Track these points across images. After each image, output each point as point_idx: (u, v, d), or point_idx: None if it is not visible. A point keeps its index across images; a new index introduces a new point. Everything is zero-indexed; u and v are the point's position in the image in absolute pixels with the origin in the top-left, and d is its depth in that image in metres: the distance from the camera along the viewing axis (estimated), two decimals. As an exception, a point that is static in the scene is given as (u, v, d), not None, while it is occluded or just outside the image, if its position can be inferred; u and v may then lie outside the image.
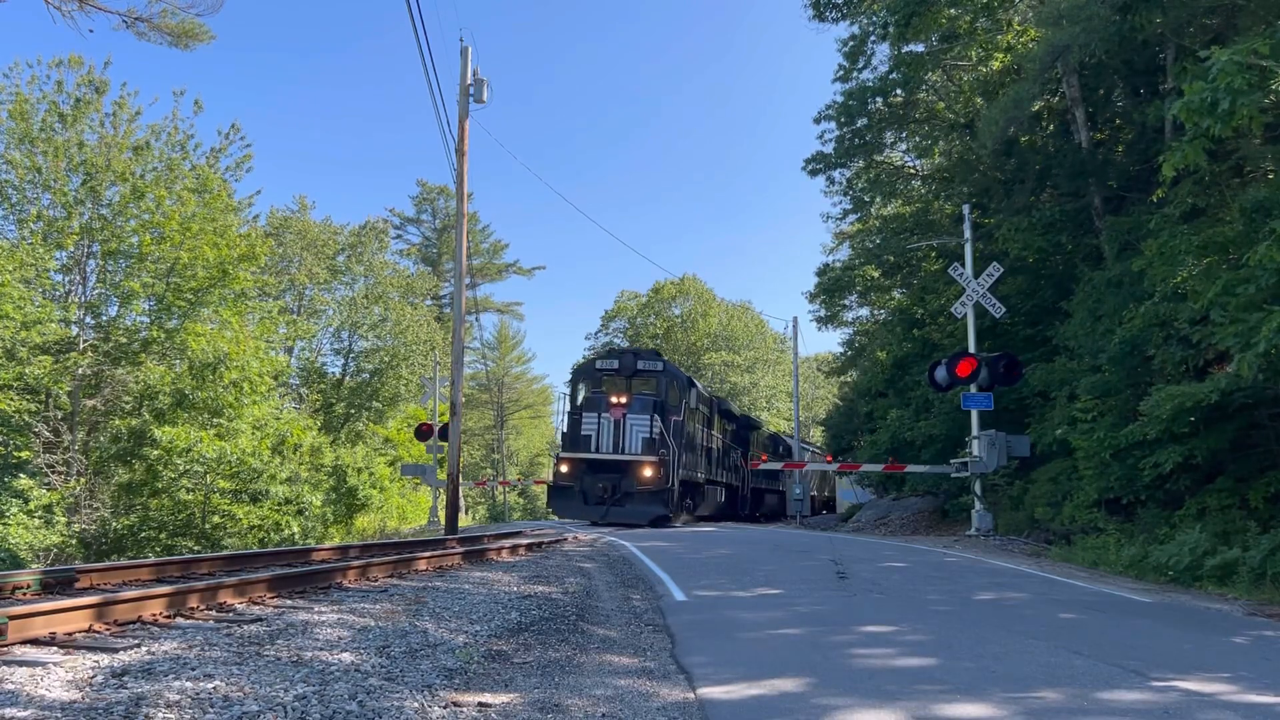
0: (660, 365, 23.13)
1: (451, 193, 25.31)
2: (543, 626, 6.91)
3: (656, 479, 20.54)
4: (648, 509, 20.58)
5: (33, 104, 25.93)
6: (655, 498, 20.60)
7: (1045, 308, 21.44)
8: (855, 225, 34.93)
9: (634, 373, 22.69)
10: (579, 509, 21.32)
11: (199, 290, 26.51)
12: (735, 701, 4.86)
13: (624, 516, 20.40)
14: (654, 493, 20.57)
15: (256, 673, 4.58)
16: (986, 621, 7.76)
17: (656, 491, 20.55)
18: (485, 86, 19.24)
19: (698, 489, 24.92)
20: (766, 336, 71.54)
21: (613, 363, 23.43)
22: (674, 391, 22.77)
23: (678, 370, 23.60)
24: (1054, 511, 17.62)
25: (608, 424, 21.33)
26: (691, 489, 24.08)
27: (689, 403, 23.15)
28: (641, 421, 21.19)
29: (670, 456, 20.98)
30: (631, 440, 21.16)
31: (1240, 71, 9.63)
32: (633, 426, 21.18)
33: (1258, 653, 6.79)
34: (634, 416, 21.28)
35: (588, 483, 21.17)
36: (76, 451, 25.17)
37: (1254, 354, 10.49)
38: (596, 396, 22.07)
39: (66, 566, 8.66)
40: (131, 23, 15.62)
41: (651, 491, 20.52)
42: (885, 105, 26.91)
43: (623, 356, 23.59)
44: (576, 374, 24.29)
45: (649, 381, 22.64)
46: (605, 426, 21.35)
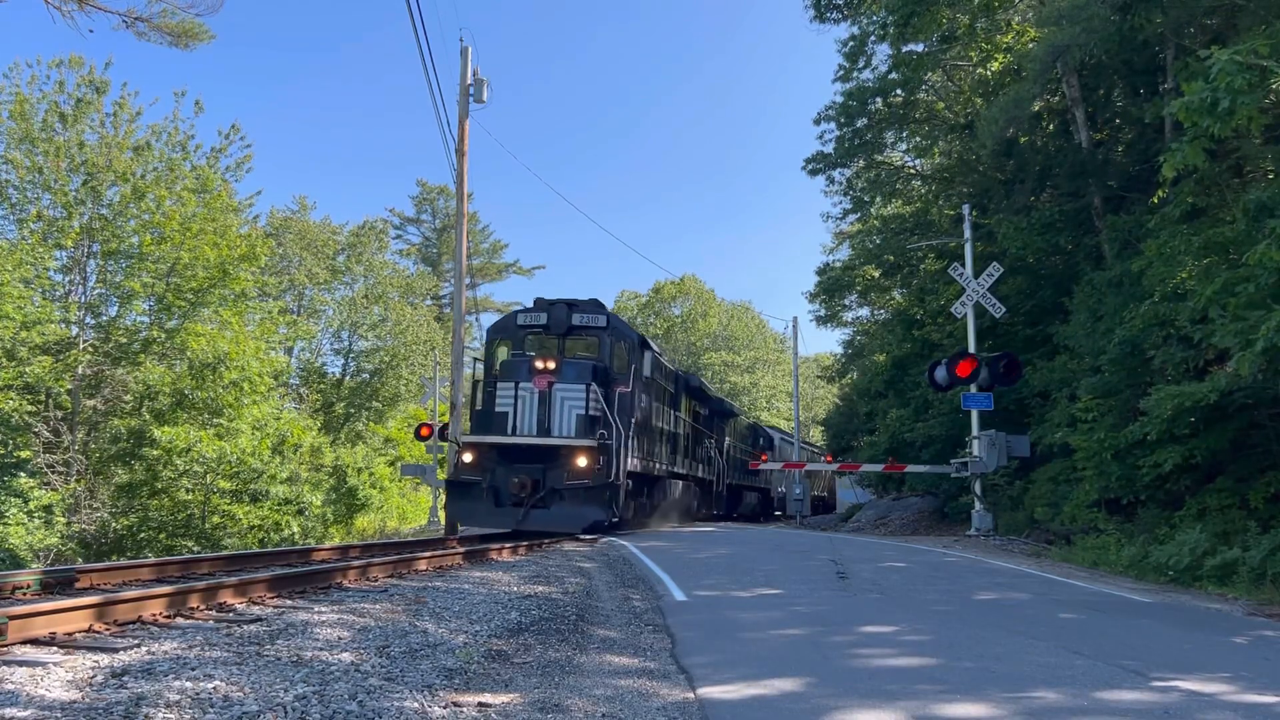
0: (603, 320, 17.63)
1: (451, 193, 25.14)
2: (543, 626, 6.91)
3: (594, 470, 15.32)
4: (581, 512, 15.38)
5: (33, 104, 25.97)
6: (593, 496, 15.34)
7: (1045, 308, 21.44)
8: (855, 225, 34.94)
9: (568, 330, 17.47)
10: (487, 513, 15.84)
11: (199, 290, 26.54)
12: (735, 701, 4.86)
13: (548, 522, 15.31)
14: (591, 489, 15.30)
15: (256, 673, 4.58)
16: (987, 621, 7.76)
17: (595, 488, 15.30)
18: (485, 86, 19.24)
19: (656, 484, 19.96)
20: (766, 336, 71.65)
21: (539, 316, 17.74)
22: (621, 354, 17.51)
23: (627, 327, 18.08)
24: (1054, 511, 17.63)
25: (530, 397, 15.94)
26: (647, 484, 19.05)
27: (642, 371, 17.66)
28: (575, 394, 15.86)
29: (615, 440, 15.67)
30: (562, 419, 15.91)
31: (1240, 71, 9.63)
32: (564, 400, 15.92)
33: (1258, 653, 6.79)
34: (565, 387, 15.94)
35: (500, 476, 15.64)
36: (76, 451, 25.18)
37: (1253, 353, 10.49)
38: (518, 361, 16.74)
39: (66, 567, 8.66)
40: (131, 23, 15.63)
41: (588, 488, 15.27)
42: (885, 105, 26.92)
43: (553, 308, 17.69)
44: (493, 333, 18.66)
45: (588, 342, 17.65)
46: (527, 401, 15.96)
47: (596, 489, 15.38)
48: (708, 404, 26.86)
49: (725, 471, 28.91)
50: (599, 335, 17.60)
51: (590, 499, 15.37)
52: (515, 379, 16.18)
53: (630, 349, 17.57)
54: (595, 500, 15.38)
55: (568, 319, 17.49)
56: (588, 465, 15.39)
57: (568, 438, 15.74)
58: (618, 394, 16.35)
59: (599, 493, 15.39)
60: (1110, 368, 15.38)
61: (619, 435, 15.84)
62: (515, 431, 15.96)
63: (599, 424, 15.82)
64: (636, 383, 17.31)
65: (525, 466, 15.62)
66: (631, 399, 16.86)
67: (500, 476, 15.69)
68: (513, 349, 17.76)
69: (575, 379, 16.08)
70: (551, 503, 15.43)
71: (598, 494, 15.38)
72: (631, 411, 16.75)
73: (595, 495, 15.37)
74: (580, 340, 17.69)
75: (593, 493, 15.37)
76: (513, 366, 16.58)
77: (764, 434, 38.41)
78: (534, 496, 15.43)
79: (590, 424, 15.79)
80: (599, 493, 15.39)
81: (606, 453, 15.58)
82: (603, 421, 15.85)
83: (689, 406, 23.91)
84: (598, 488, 15.39)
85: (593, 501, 15.39)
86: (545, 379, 15.94)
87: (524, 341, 17.81)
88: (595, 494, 15.37)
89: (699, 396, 25.31)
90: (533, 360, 16.26)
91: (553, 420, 15.94)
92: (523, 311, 18.36)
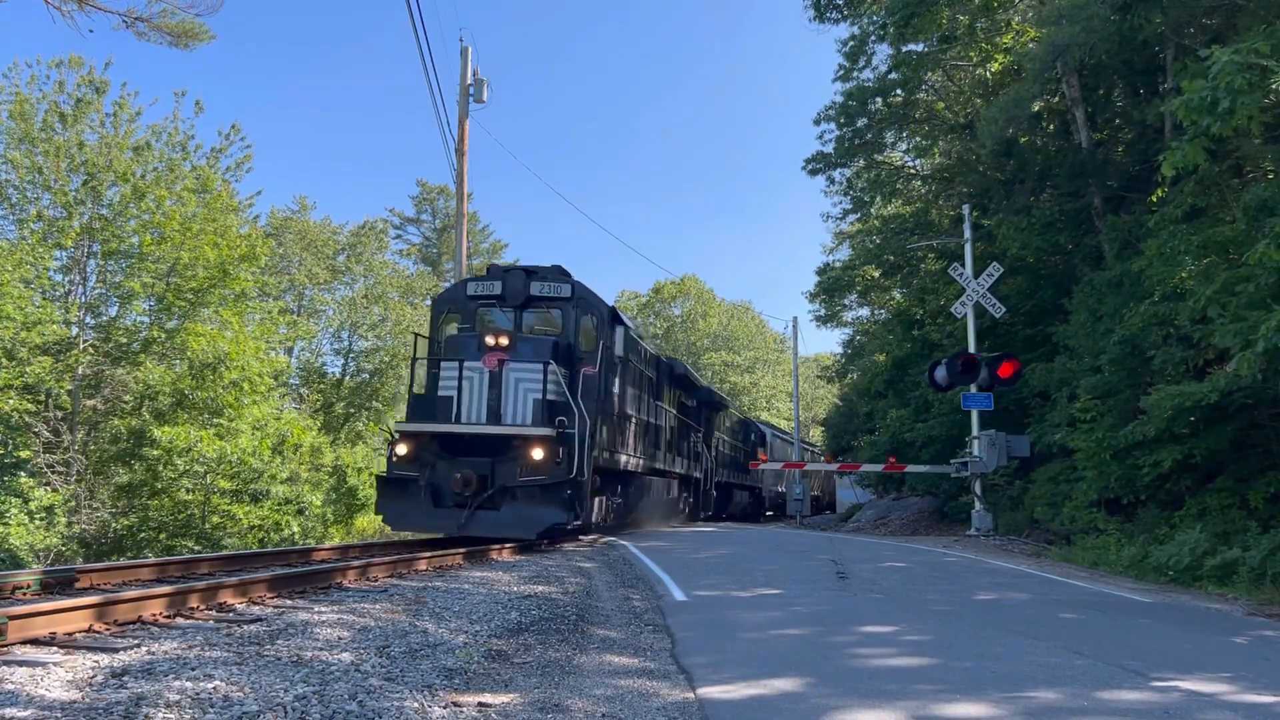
0: (568, 290, 15.20)
1: (451, 193, 25.10)
2: (543, 626, 6.91)
3: (551, 464, 13.14)
4: (536, 513, 13.13)
5: (33, 104, 25.97)
6: (550, 495, 13.17)
7: (1045, 308, 21.45)
8: (855, 225, 34.95)
9: (525, 301, 15.08)
10: (424, 515, 13.49)
11: (199, 290, 26.53)
12: (735, 701, 4.86)
13: (497, 526, 13.14)
14: (549, 487, 13.14)
15: (256, 673, 4.58)
16: (986, 621, 7.76)
17: (553, 486, 13.14)
18: (485, 86, 19.27)
19: (633, 481, 17.81)
20: (766, 336, 71.68)
21: (492, 286, 15.34)
22: (588, 330, 15.18)
23: (597, 298, 15.48)
24: (1054, 511, 17.63)
25: (478, 379, 13.75)
26: (621, 481, 17.01)
27: (614, 350, 15.38)
28: (532, 375, 13.67)
29: (579, 429, 13.54)
30: (516, 404, 13.72)
31: (1240, 71, 9.64)
32: (518, 383, 13.72)
33: (1258, 653, 6.79)
34: (520, 367, 13.71)
35: (441, 472, 13.48)
36: (76, 451, 25.18)
37: (1253, 353, 10.50)
38: (465, 337, 14.56)
39: (66, 567, 8.66)
40: (131, 23, 15.63)
41: (544, 486, 13.13)
42: (885, 105, 26.92)
43: (508, 276, 15.31)
44: (439, 305, 16.16)
45: (549, 316, 15.32)
46: (475, 383, 13.76)
47: (555, 486, 13.11)
48: (695, 394, 24.70)
49: (714, 468, 26.92)
50: (562, 308, 15.16)
51: (547, 498, 13.15)
52: (461, 357, 13.83)
53: (599, 324, 15.13)
54: (553, 500, 13.15)
55: (525, 289, 15.03)
56: (544, 458, 13.12)
57: (522, 426, 13.46)
58: (583, 375, 14.20)
59: (557, 491, 13.13)
60: (1110, 367, 15.39)
61: (583, 423, 13.53)
62: (460, 419, 13.60)
63: (559, 410, 13.58)
64: (606, 363, 15.06)
65: (471, 460, 13.40)
66: (600, 382, 14.67)
67: (441, 472, 13.47)
68: (462, 324, 15.35)
69: (532, 357, 13.79)
70: (501, 503, 13.21)
71: (556, 492, 13.13)
72: (600, 396, 14.61)
73: (553, 494, 13.13)
74: (541, 314, 15.27)
75: (550, 491, 13.12)
76: (459, 343, 14.31)
77: (756, 429, 36.82)
78: (480, 496, 13.15)
79: (549, 410, 13.52)
80: (557, 491, 13.13)
81: (568, 444, 13.31)
82: (564, 408, 13.60)
83: (673, 397, 21.83)
84: (556, 485, 13.11)
85: (550, 501, 13.15)
86: (496, 357, 13.66)
87: (475, 315, 15.29)
88: (553, 492, 13.13)
89: (685, 386, 23.24)
90: (482, 336, 13.90)
91: (505, 406, 13.68)
92: (473, 280, 15.89)
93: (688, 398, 23.73)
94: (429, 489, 13.39)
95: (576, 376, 14.09)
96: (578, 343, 14.88)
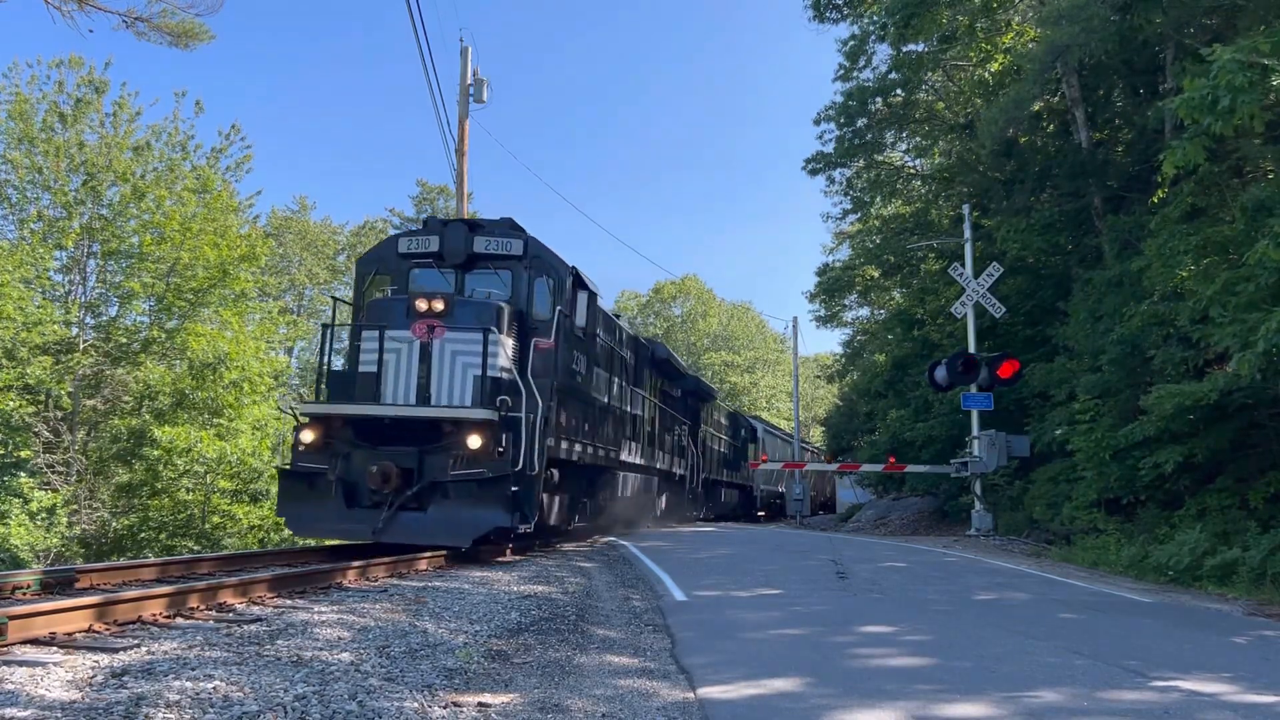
0: (519, 246, 12.75)
1: (451, 192, 25.09)
2: (543, 626, 6.91)
3: (490, 453, 10.75)
4: (472, 515, 10.69)
5: (33, 104, 25.99)
6: (490, 492, 10.71)
7: (1045, 308, 21.46)
8: (855, 225, 34.96)
9: (469, 259, 12.63)
10: (333, 516, 10.98)
11: (199, 290, 26.53)
12: (735, 701, 4.86)
13: (423, 531, 10.78)
14: (488, 483, 10.72)
15: (256, 673, 4.58)
16: (986, 621, 7.76)
17: (494, 481, 10.70)
18: (485, 86, 19.28)
19: (603, 477, 15.51)
20: (766, 336, 71.73)
21: (429, 241, 12.86)
22: (545, 296, 12.82)
23: (556, 258, 13.00)
24: (1054, 512, 17.64)
25: (406, 352, 11.43)
26: (589, 477, 14.67)
27: (576, 319, 12.90)
28: (471, 346, 11.23)
29: (529, 412, 11.24)
30: (451, 381, 11.36)
31: (1241, 69, 9.64)
32: (454, 355, 11.38)
33: (1258, 653, 6.79)
34: (458, 337, 11.35)
35: (356, 465, 11.05)
36: (76, 451, 25.19)
37: (1253, 353, 10.50)
38: (392, 300, 12.13)
39: (66, 567, 8.67)
40: (131, 23, 15.62)
41: (483, 481, 10.73)
42: (885, 105, 26.93)
43: (448, 229, 12.85)
44: (366, 265, 13.66)
45: (499, 278, 12.79)
46: (402, 356, 11.44)
47: (496, 482, 10.66)
48: (680, 383, 22.43)
49: (701, 465, 24.64)
50: (513, 268, 12.67)
51: (486, 496, 10.67)
52: (385, 324, 11.44)
53: (558, 288, 12.64)
54: (494, 498, 10.66)
55: (468, 245, 12.54)
56: (483, 447, 10.70)
57: (456, 408, 11.08)
58: (536, 348, 11.84)
59: (500, 487, 10.65)
60: (1110, 367, 15.40)
61: (535, 406, 11.25)
62: (382, 398, 11.28)
63: (505, 390, 11.26)
64: (567, 335, 12.63)
65: (393, 450, 10.94)
66: (558, 358, 12.27)
67: (356, 465, 11.02)
68: (393, 288, 13.06)
69: (472, 325, 11.31)
70: (430, 502, 10.82)
71: (498, 489, 10.66)
72: (558, 375, 12.20)
73: (494, 491, 10.66)
74: (488, 276, 12.76)
75: (490, 487, 10.67)
76: (383, 308, 11.86)
77: (747, 423, 34.73)
78: (404, 494, 10.73)
79: (493, 389, 11.15)
80: (500, 487, 10.65)
81: (514, 430, 10.96)
82: (511, 386, 11.29)
83: (655, 384, 19.65)
84: (498, 480, 10.66)
85: (490, 500, 10.67)
86: (428, 325, 11.32)
87: (409, 278, 12.84)
88: (494, 489, 10.66)
89: (668, 373, 20.93)
90: (412, 299, 11.50)
91: (438, 383, 11.31)
92: (406, 235, 13.31)
93: (671, 386, 21.68)
94: (341, 486, 10.96)
95: (529, 350, 11.78)
96: (531, 309, 12.55)
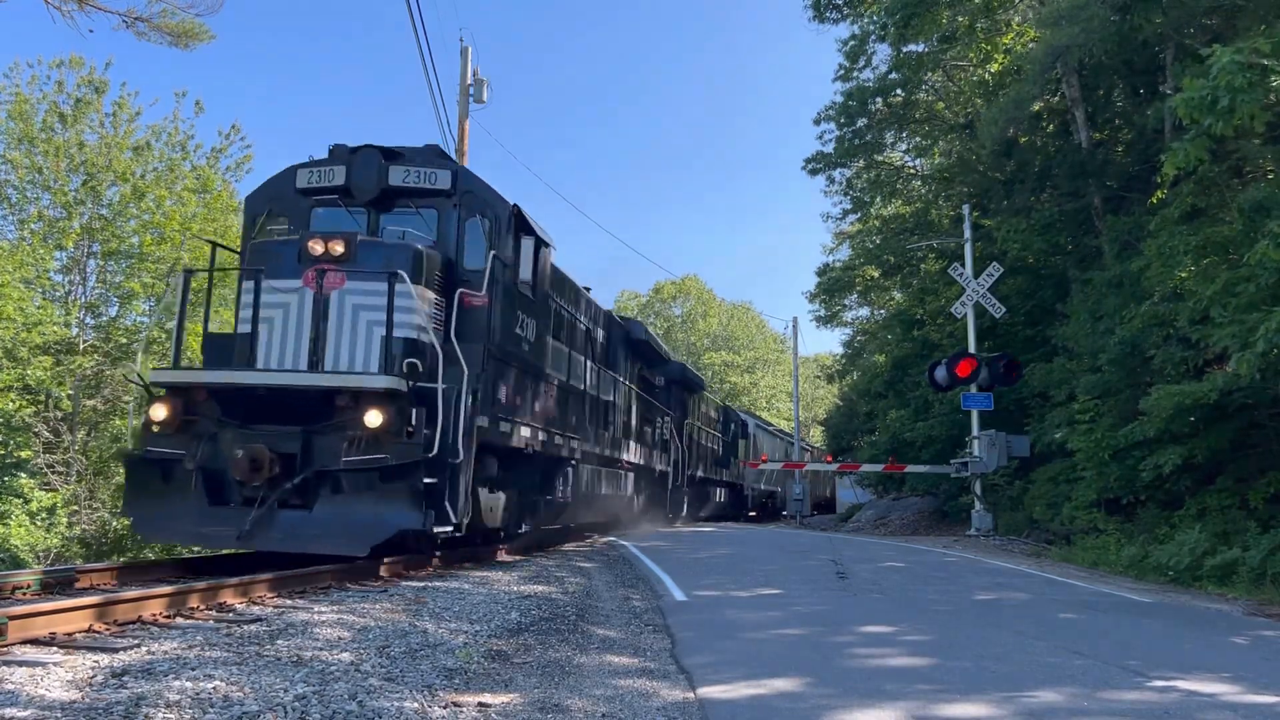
0: (446, 178, 10.28)
1: (451, 193, 24.82)
2: (543, 626, 6.91)
3: (393, 432, 8.55)
4: (371, 515, 8.44)
5: (33, 104, 25.99)
6: (393, 484, 8.49)
7: (1045, 308, 21.48)
8: (855, 225, 34.97)
9: (383, 195, 10.20)
10: (194, 518, 8.72)
11: (199, 290, 26.51)
12: (735, 701, 4.86)
13: (304, 536, 8.52)
14: (393, 472, 8.49)
15: (256, 673, 4.58)
16: (986, 621, 7.77)
17: (400, 470, 8.47)
18: (485, 86, 19.28)
19: (560, 470, 12.83)
20: (767, 336, 71.73)
21: (333, 172, 10.31)
22: (475, 236, 10.28)
23: (493, 193, 10.47)
24: (1054, 512, 17.65)
25: (295, 305, 9.23)
26: (542, 469, 12.17)
27: (517, 273, 10.52)
28: (376, 299, 9.04)
29: (451, 383, 8.91)
30: (353, 343, 9.17)
31: (1241, 70, 9.65)
32: (355, 310, 9.17)
33: (1258, 653, 6.80)
34: (360, 287, 9.14)
35: (224, 449, 8.73)
36: (76, 452, 25.19)
37: (1253, 353, 10.51)
38: (277, 244, 9.80)
39: (66, 566, 8.66)
40: (131, 23, 15.63)
41: (384, 472, 8.49)
42: (885, 105, 26.95)
43: (356, 158, 10.27)
44: (256, 203, 10.92)
45: (419, 218, 10.30)
46: (290, 313, 9.24)
47: (403, 471, 8.35)
48: (663, 370, 20.19)
49: (686, 460, 22.44)
50: (439, 206, 10.21)
51: (389, 490, 8.37)
52: (266, 271, 9.16)
53: (495, 231, 10.14)
54: (399, 492, 8.36)
55: (382, 176, 10.07)
56: (385, 425, 8.36)
57: (350, 374, 8.86)
58: (464, 304, 9.48)
59: (407, 478, 8.35)
60: (1110, 367, 15.40)
61: (460, 375, 8.81)
62: (259, 364, 9.04)
63: (421, 354, 9.06)
64: (507, 290, 10.17)
65: (272, 430, 8.60)
66: (493, 316, 9.84)
67: (224, 449, 8.62)
68: (288, 223, 10.42)
69: (379, 271, 8.94)
70: (316, 498, 8.49)
71: (405, 480, 8.35)
72: (494, 337, 9.84)
73: (399, 483, 8.36)
74: (409, 216, 10.24)
75: (395, 478, 8.37)
76: (268, 253, 9.46)
77: (737, 418, 32.73)
78: (282, 487, 8.41)
79: (404, 353, 8.99)
80: (407, 478, 8.35)
81: (428, 404, 8.59)
82: (429, 351, 8.97)
83: (633, 368, 17.35)
84: (405, 469, 8.36)
85: (394, 494, 8.37)
86: (324, 271, 9.03)
87: (310, 219, 10.28)
88: (400, 480, 8.36)
89: (649, 357, 18.48)
90: (305, 240, 9.12)
91: (335, 346, 9.03)
92: (305, 166, 10.45)
93: (653, 374, 19.44)
94: (202, 477, 8.64)
95: (454, 305, 9.37)
96: (462, 260, 10.08)
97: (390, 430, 8.50)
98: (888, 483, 32.66)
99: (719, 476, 28.89)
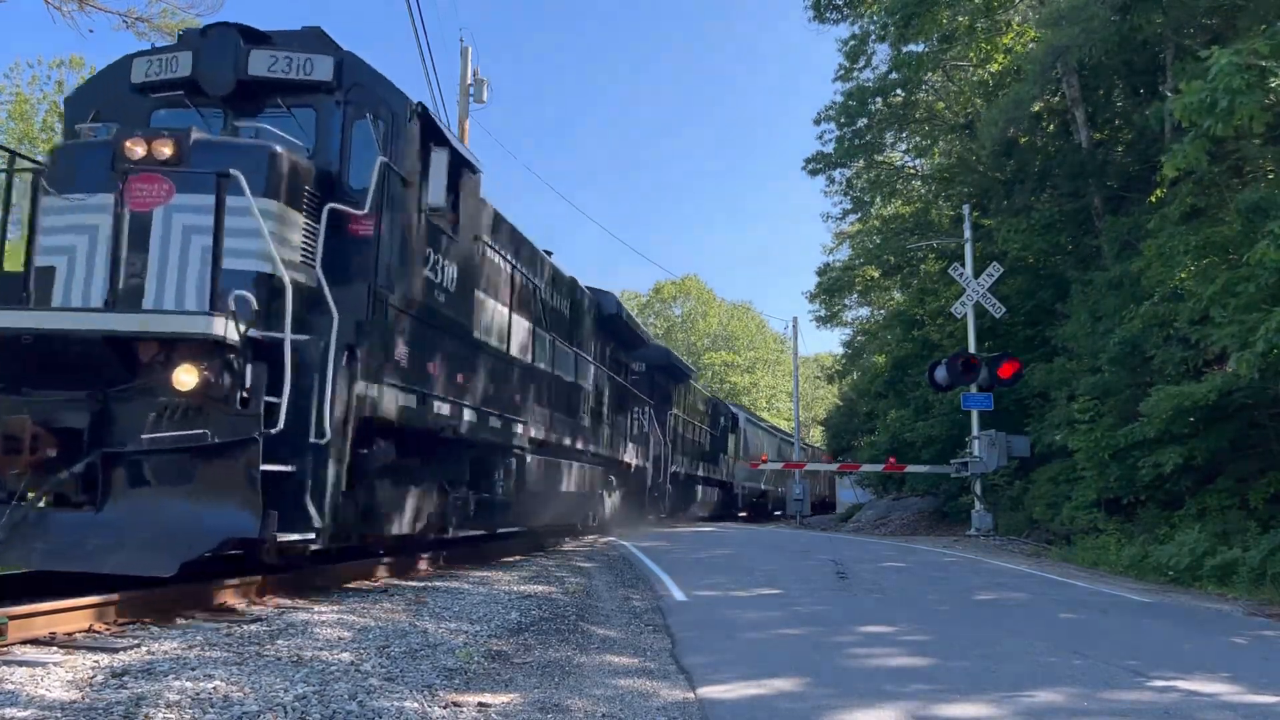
0: (328, 68, 7.77)
1: (451, 193, 24.73)
2: (543, 626, 6.91)
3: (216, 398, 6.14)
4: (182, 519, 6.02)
5: (33, 104, 26.05)
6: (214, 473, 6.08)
7: (1045, 308, 21.49)
8: (855, 225, 34.98)
9: (240, 87, 7.66)
10: None
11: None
12: (735, 701, 4.86)
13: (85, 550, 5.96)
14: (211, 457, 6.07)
15: (256, 673, 4.58)
16: (986, 621, 7.77)
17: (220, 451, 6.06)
18: (485, 86, 19.28)
19: (502, 459, 10.47)
20: (767, 336, 71.76)
21: (177, 60, 7.78)
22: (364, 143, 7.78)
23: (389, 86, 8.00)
24: (1054, 512, 17.65)
25: (104, 227, 6.58)
26: (474, 459, 9.84)
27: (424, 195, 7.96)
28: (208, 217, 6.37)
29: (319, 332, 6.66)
30: (181, 276, 6.57)
31: (1239, 71, 9.65)
32: (186, 233, 6.60)
33: (1258, 653, 6.80)
34: (192, 202, 6.55)
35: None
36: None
37: (1253, 353, 10.52)
38: (85, 147, 7.33)
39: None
40: (131, 23, 15.66)
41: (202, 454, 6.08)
42: (885, 105, 26.96)
43: (208, 42, 7.79)
44: (79, 102, 8.31)
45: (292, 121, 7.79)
46: (98, 236, 6.63)
47: (226, 453, 6.14)
48: (643, 354, 18.08)
49: (669, 455, 20.63)
50: (317, 104, 7.89)
51: (210, 481, 6.17)
52: (70, 183, 6.87)
53: (391, 136, 7.84)
54: (224, 484, 6.13)
55: (240, 64, 7.71)
56: (202, 387, 6.11)
57: (160, 314, 6.46)
58: (338, 224, 7.28)
59: (233, 464, 6.13)
60: (1110, 367, 15.41)
61: (331, 323, 6.66)
62: (55, 303, 6.72)
63: (276, 293, 6.65)
64: (405, 213, 7.76)
65: (43, 398, 6.36)
66: (382, 246, 7.50)
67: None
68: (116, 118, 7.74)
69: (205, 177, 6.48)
70: (109, 490, 6.22)
71: (231, 466, 6.13)
72: (389, 277, 7.50)
73: (223, 471, 6.15)
74: (278, 118, 7.79)
75: (220, 462, 6.16)
76: (74, 157, 7.19)
77: (727, 411, 30.62)
78: (59, 475, 6.12)
79: (255, 290, 6.55)
80: (233, 464, 6.13)
81: (275, 358, 6.44)
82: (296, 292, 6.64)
83: (604, 349, 15.30)
84: (230, 449, 6.14)
85: (216, 488, 6.15)
86: (147, 184, 6.68)
87: (150, 120, 7.77)
88: (224, 467, 6.15)
89: (625, 338, 16.37)
90: (120, 140, 6.70)
91: (158, 280, 6.63)
92: (144, 55, 8.06)
93: (629, 357, 17.24)
94: None
95: (321, 228, 7.09)
96: (346, 174, 7.75)
97: (217, 396, 6.17)
98: (888, 483, 32.66)
99: (706, 474, 26.55)
